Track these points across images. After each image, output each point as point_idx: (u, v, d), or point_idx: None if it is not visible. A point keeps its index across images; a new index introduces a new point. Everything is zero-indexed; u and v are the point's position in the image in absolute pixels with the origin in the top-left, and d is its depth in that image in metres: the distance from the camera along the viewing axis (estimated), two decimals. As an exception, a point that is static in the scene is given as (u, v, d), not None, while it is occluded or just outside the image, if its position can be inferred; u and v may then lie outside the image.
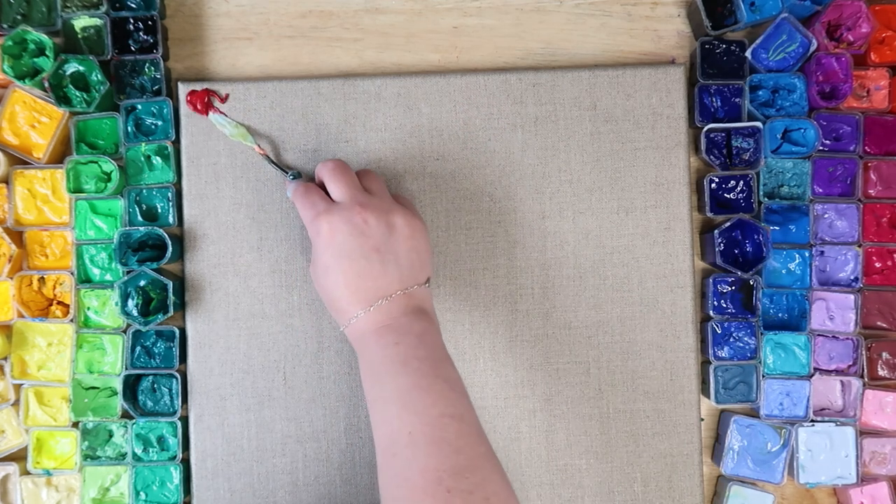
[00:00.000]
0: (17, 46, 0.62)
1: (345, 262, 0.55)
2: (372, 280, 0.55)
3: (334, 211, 0.56)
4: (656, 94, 0.65)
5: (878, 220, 0.64)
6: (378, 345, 0.54)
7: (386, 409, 0.52)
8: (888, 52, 0.64)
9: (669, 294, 0.65)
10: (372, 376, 0.53)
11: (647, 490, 0.64)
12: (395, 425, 0.50)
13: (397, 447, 0.50)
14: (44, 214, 0.63)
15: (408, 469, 0.49)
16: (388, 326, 0.54)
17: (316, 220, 0.56)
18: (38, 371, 0.63)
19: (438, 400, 0.51)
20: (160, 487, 0.63)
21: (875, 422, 0.64)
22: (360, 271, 0.55)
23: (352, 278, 0.55)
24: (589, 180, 0.65)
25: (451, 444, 0.49)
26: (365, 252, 0.55)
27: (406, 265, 0.56)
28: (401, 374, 0.52)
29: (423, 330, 0.54)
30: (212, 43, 0.67)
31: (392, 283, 0.55)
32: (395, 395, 0.51)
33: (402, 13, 0.67)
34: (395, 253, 0.56)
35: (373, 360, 0.54)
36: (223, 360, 0.64)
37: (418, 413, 0.50)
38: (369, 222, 0.56)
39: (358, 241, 0.55)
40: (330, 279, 0.55)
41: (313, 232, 0.56)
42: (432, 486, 0.47)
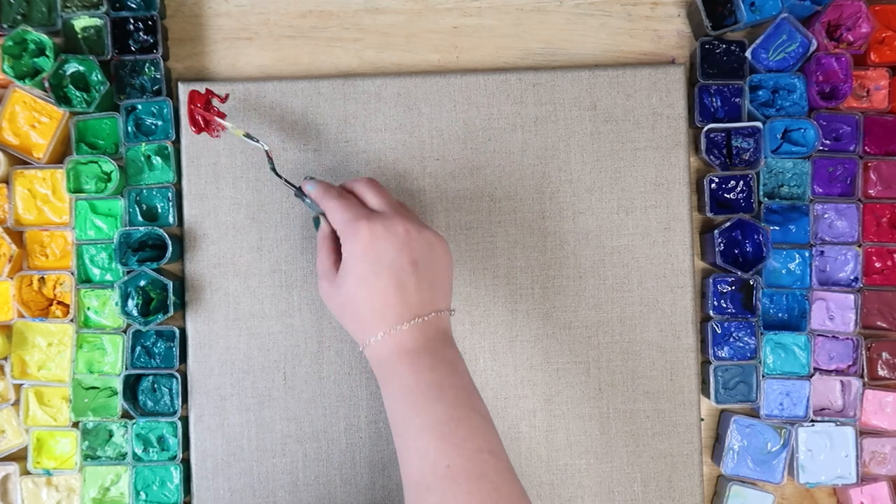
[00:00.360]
0: (17, 46, 0.62)
1: (384, 272, 0.52)
2: (411, 294, 0.52)
3: (375, 218, 0.53)
4: (656, 94, 0.65)
5: (878, 220, 0.64)
6: (412, 368, 0.51)
7: (420, 438, 0.49)
8: (888, 52, 0.64)
9: (669, 294, 0.65)
10: (404, 402, 0.50)
11: (647, 490, 0.64)
12: (430, 457, 0.48)
13: (432, 479, 0.47)
14: (44, 214, 0.63)
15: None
16: (424, 349, 0.51)
17: (355, 223, 0.53)
18: (38, 371, 0.63)
19: (476, 434, 0.49)
20: (160, 487, 0.63)
21: (875, 422, 0.64)
22: (399, 284, 0.52)
23: (390, 290, 0.52)
24: (589, 180, 0.65)
25: (490, 481, 0.47)
26: (404, 265, 0.52)
27: (439, 286, 0.54)
28: (437, 403, 0.49)
29: (455, 358, 0.53)
30: (212, 43, 0.67)
31: (428, 302, 0.53)
32: (432, 424, 0.49)
33: (402, 13, 0.67)
34: (432, 272, 0.53)
35: (405, 384, 0.51)
36: (223, 360, 0.64)
37: (457, 446, 0.48)
38: (411, 234, 0.53)
39: (399, 252, 0.52)
40: (365, 290, 0.52)
41: (349, 235, 0.53)
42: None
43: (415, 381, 0.50)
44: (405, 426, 0.50)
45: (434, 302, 0.53)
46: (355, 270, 0.53)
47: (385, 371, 0.52)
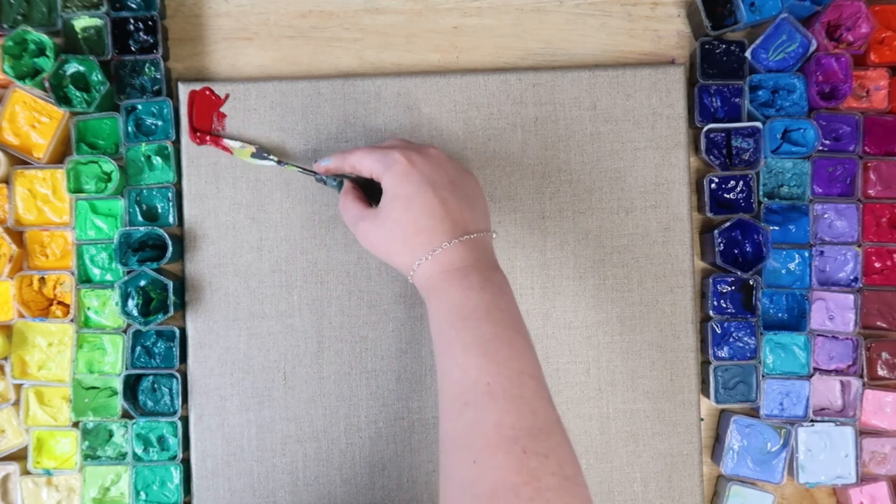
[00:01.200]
0: (17, 46, 0.62)
1: (428, 189, 0.53)
2: (455, 211, 0.53)
3: (406, 146, 0.56)
4: (656, 94, 0.65)
5: (878, 220, 0.64)
6: (461, 286, 0.51)
7: (463, 355, 0.49)
8: (888, 52, 0.64)
9: (669, 294, 0.65)
10: (450, 320, 0.51)
11: (647, 490, 0.64)
12: (472, 374, 0.48)
13: (472, 395, 0.48)
14: (44, 214, 0.63)
15: (481, 421, 0.46)
16: (472, 268, 0.52)
17: (389, 154, 0.55)
18: (38, 371, 0.63)
19: (519, 356, 0.49)
20: (160, 487, 0.63)
21: (875, 422, 0.64)
22: (443, 200, 0.53)
23: (437, 206, 0.53)
24: (589, 180, 0.65)
25: (529, 403, 0.47)
26: (445, 182, 0.54)
27: (480, 206, 0.55)
28: (484, 322, 0.50)
29: (503, 282, 0.53)
30: (212, 43, 0.67)
31: (470, 220, 0.54)
32: (476, 342, 0.49)
33: (402, 13, 0.67)
34: (468, 192, 0.55)
35: (452, 302, 0.51)
36: (223, 360, 0.64)
37: (499, 365, 0.48)
38: (441, 158, 0.55)
39: (436, 171, 0.54)
40: (413, 209, 0.53)
41: (386, 167, 0.55)
42: (507, 443, 0.45)
43: (462, 300, 0.51)
44: (449, 343, 0.50)
45: (476, 222, 0.54)
46: (399, 193, 0.54)
47: (433, 292, 0.52)
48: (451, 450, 0.48)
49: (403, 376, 0.64)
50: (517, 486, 0.44)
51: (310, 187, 0.64)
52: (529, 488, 0.44)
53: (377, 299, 0.64)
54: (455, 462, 0.47)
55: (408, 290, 0.64)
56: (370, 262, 0.64)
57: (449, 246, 0.52)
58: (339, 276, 0.64)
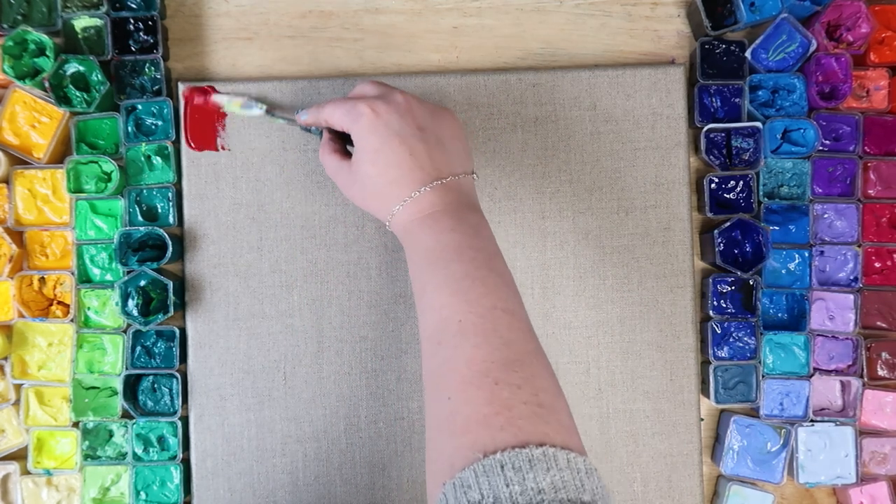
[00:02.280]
0: (17, 46, 0.62)
1: (395, 139, 0.52)
2: (425, 158, 0.53)
3: (373, 97, 0.54)
4: (656, 94, 0.65)
5: (878, 220, 0.64)
6: (433, 230, 0.51)
7: (435, 295, 0.49)
8: (888, 52, 0.64)
9: (669, 294, 0.65)
10: (423, 263, 0.51)
11: (647, 490, 0.64)
12: (443, 313, 0.48)
13: (444, 335, 0.48)
14: (44, 214, 0.63)
15: (454, 358, 0.47)
16: (444, 212, 0.52)
17: (355, 107, 0.54)
18: (38, 371, 0.63)
19: (491, 292, 0.49)
20: (160, 487, 0.63)
21: (875, 422, 0.64)
22: (411, 149, 0.52)
23: (404, 156, 0.52)
24: (589, 180, 0.65)
25: (501, 336, 0.47)
26: (412, 130, 0.53)
27: (453, 151, 0.54)
28: (454, 262, 0.50)
29: (479, 223, 0.53)
30: (212, 43, 0.67)
31: (442, 165, 0.53)
32: (447, 282, 0.49)
33: (402, 13, 0.67)
34: (439, 137, 0.54)
35: (426, 245, 0.51)
36: (223, 360, 0.64)
37: (469, 302, 0.48)
38: (411, 103, 0.54)
39: (404, 119, 0.53)
40: (379, 162, 0.53)
41: (353, 119, 0.54)
42: (479, 378, 0.45)
43: (434, 242, 0.51)
44: (422, 286, 0.50)
45: (450, 165, 0.54)
46: (366, 147, 0.53)
47: (408, 237, 0.53)
48: (429, 389, 0.48)
49: (403, 376, 0.64)
50: (488, 417, 0.44)
51: (310, 187, 0.64)
52: (501, 418, 0.43)
53: (377, 299, 0.64)
54: (433, 401, 0.47)
55: (408, 290, 0.64)
56: (370, 262, 0.64)
57: (419, 194, 0.52)
58: (339, 276, 0.64)
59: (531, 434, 0.43)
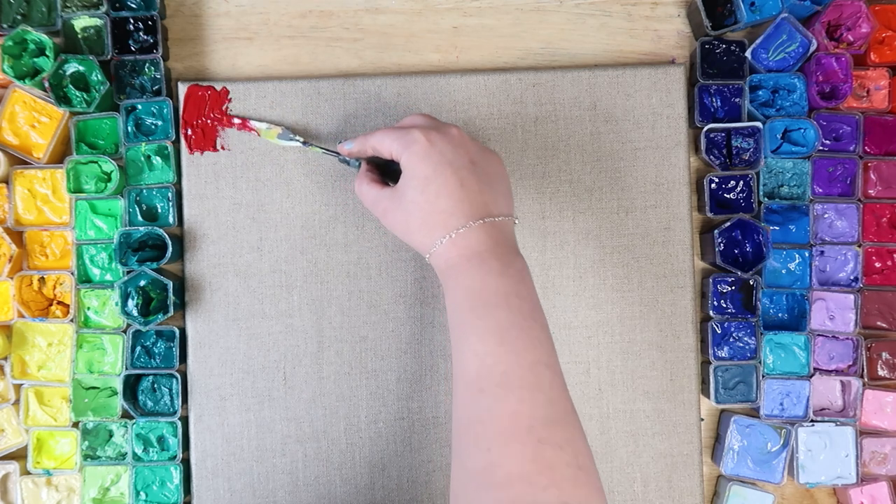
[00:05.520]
0: (17, 46, 0.62)
1: (448, 169, 0.52)
2: (475, 193, 0.52)
3: (426, 126, 0.54)
4: (656, 94, 0.65)
5: (878, 220, 0.64)
6: (479, 271, 0.50)
7: (479, 341, 0.48)
8: (888, 52, 0.64)
9: (669, 294, 0.65)
10: (466, 304, 0.50)
11: (647, 490, 0.64)
12: (487, 361, 0.48)
13: (486, 383, 0.47)
14: (44, 214, 0.63)
15: (496, 409, 0.46)
16: (491, 253, 0.51)
17: (409, 134, 0.54)
18: (38, 371, 0.63)
19: (536, 345, 0.49)
20: (160, 487, 0.63)
21: (875, 422, 0.64)
22: (462, 181, 0.52)
23: (455, 187, 0.52)
24: (589, 180, 0.65)
25: (545, 393, 0.47)
26: (465, 162, 0.53)
27: (500, 191, 0.54)
28: (502, 309, 0.49)
29: (523, 268, 0.52)
30: (212, 43, 0.67)
31: (491, 203, 0.53)
32: (492, 329, 0.48)
33: (402, 13, 0.67)
34: (489, 173, 0.54)
35: (471, 287, 0.50)
36: (223, 360, 0.64)
37: (516, 353, 0.48)
38: (464, 137, 0.54)
39: (456, 151, 0.53)
40: (431, 190, 0.52)
41: (406, 145, 0.53)
42: (523, 433, 0.45)
43: (481, 285, 0.50)
44: (465, 328, 0.50)
45: (497, 205, 0.53)
46: (417, 174, 0.53)
47: (451, 274, 0.52)
48: (465, 436, 0.47)
49: (403, 376, 0.64)
50: (532, 476, 0.44)
51: (310, 187, 0.64)
52: (545, 478, 0.44)
53: (377, 299, 0.64)
54: (469, 449, 0.47)
55: (408, 290, 0.64)
56: (370, 262, 0.64)
57: (467, 228, 0.51)
58: (339, 276, 0.64)
59: (572, 497, 0.44)
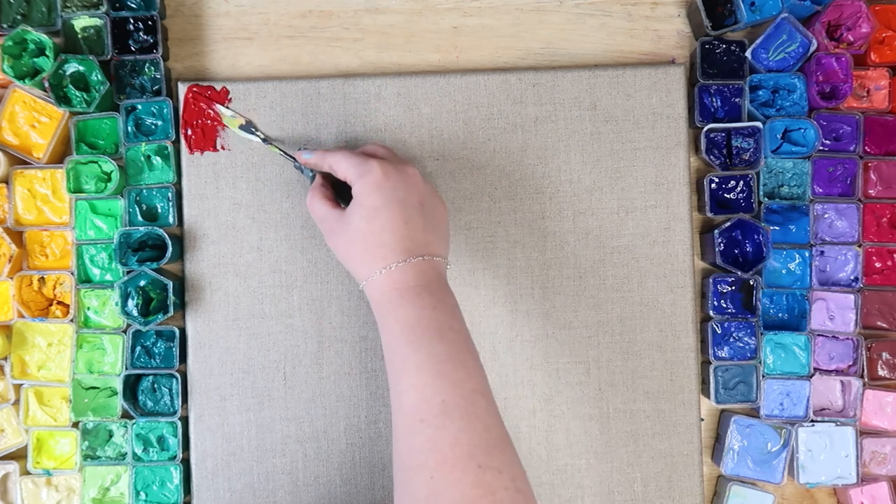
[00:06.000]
0: (17, 46, 0.62)
1: (395, 206, 0.54)
2: (418, 232, 0.54)
3: (385, 160, 0.56)
4: (656, 94, 0.65)
5: (878, 220, 0.64)
6: (414, 305, 0.53)
7: (417, 374, 0.50)
8: (888, 52, 0.64)
9: (669, 294, 0.65)
10: (404, 337, 0.52)
11: (647, 490, 0.64)
12: (427, 392, 0.50)
13: (427, 414, 0.49)
14: (44, 214, 0.63)
15: (437, 438, 0.48)
16: (426, 288, 0.53)
17: (367, 162, 0.56)
18: (38, 371, 0.63)
19: (471, 375, 0.51)
20: (160, 487, 0.63)
21: (875, 422, 0.64)
22: (408, 219, 0.54)
23: (400, 224, 0.54)
24: (589, 180, 0.65)
25: (482, 421, 0.49)
26: (413, 202, 0.55)
27: (441, 234, 0.57)
28: (436, 342, 0.51)
29: (454, 304, 0.55)
30: (212, 43, 0.67)
31: (432, 243, 0.55)
32: (430, 361, 0.51)
33: (402, 13, 0.67)
34: (434, 216, 0.56)
35: (406, 320, 0.52)
36: (223, 360, 0.64)
37: (453, 384, 0.50)
38: (416, 178, 0.56)
39: (408, 190, 0.55)
40: (377, 222, 0.54)
41: (360, 173, 0.55)
42: (463, 461, 0.47)
43: (416, 319, 0.52)
44: (403, 361, 0.51)
45: (437, 246, 0.56)
46: (366, 203, 0.55)
47: (386, 307, 0.54)
48: (408, 467, 0.49)
49: (403, 376, 0.64)
50: (475, 501, 0.46)
51: (308, 185, 0.64)
52: (486, 501, 0.46)
53: (377, 299, 0.64)
54: (412, 478, 0.48)
55: (408, 290, 0.64)
56: (370, 262, 0.64)
57: (404, 264, 0.54)
58: (339, 276, 0.64)
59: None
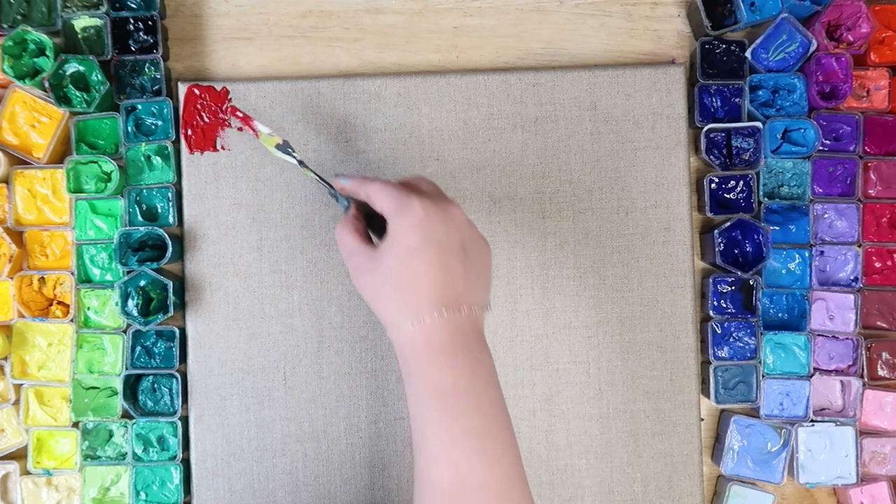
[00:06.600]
0: (17, 46, 0.62)
1: (434, 249, 0.48)
2: (457, 280, 0.49)
3: (427, 196, 0.50)
4: (656, 94, 0.65)
5: (878, 220, 0.64)
6: (450, 369, 0.48)
7: (453, 448, 0.47)
8: (888, 52, 0.64)
9: (669, 294, 0.65)
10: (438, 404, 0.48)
11: (647, 490, 0.64)
12: (462, 469, 0.47)
13: (463, 491, 0.46)
14: (44, 214, 0.63)
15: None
16: (462, 349, 0.48)
17: (406, 197, 0.50)
18: (38, 371, 0.63)
19: (507, 451, 0.48)
20: (160, 487, 0.63)
21: (875, 422, 0.64)
22: (446, 264, 0.48)
23: (437, 269, 0.48)
24: (589, 180, 0.65)
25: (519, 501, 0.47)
26: (454, 247, 0.49)
27: (484, 280, 0.51)
28: (473, 413, 0.47)
29: (492, 365, 0.50)
30: (212, 43, 0.67)
31: (471, 292, 0.50)
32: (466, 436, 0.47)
33: (402, 13, 0.67)
34: (476, 262, 0.51)
35: (441, 386, 0.48)
36: (223, 360, 0.64)
37: (490, 463, 0.47)
38: (463, 220, 0.51)
39: (449, 231, 0.49)
40: (412, 265, 0.48)
41: (399, 209, 0.49)
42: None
43: (451, 386, 0.48)
44: (435, 431, 0.48)
45: (476, 295, 0.50)
46: (402, 242, 0.49)
47: (417, 365, 0.49)
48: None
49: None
50: None
51: (309, 187, 0.64)
52: None
53: (377, 299, 0.64)
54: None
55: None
56: (370, 262, 0.64)
57: (439, 317, 0.48)
58: (339, 276, 0.64)
59: None
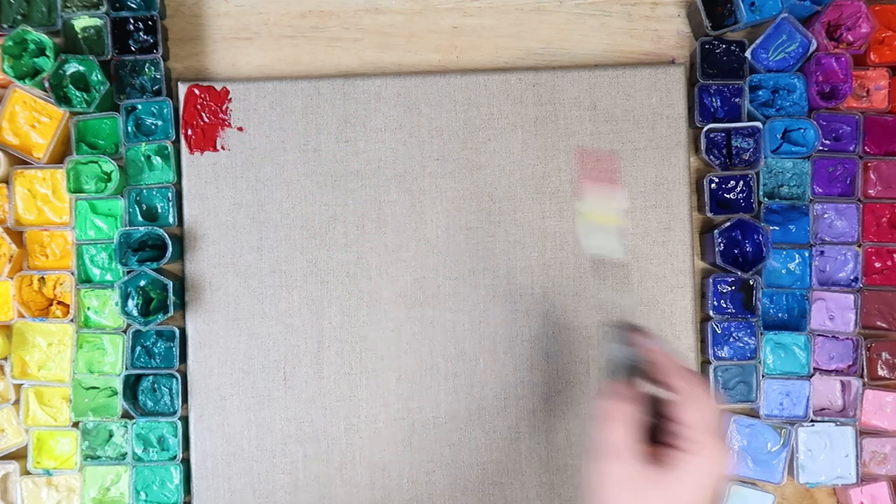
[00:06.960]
0: (17, 46, 0.62)
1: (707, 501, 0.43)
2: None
3: (720, 435, 0.44)
4: (656, 94, 0.65)
5: (878, 220, 0.64)
6: None
7: None
8: (888, 52, 0.64)
9: (669, 294, 0.65)
10: None
11: (647, 490, 0.64)
12: None
13: None
14: (44, 214, 0.63)
15: None
16: None
17: (721, 440, 0.44)
18: (38, 371, 0.63)
19: None
20: (160, 487, 0.63)
21: (875, 422, 0.64)
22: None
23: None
24: (589, 180, 0.65)
25: None
26: (716, 495, 0.44)
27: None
28: None
29: None
30: (212, 43, 0.67)
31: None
32: None
33: (402, 13, 0.67)
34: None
35: None
36: (223, 360, 0.64)
37: None
38: (722, 479, 0.45)
39: (721, 481, 0.44)
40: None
41: (708, 447, 0.43)
42: None
43: None
44: None
45: None
46: (695, 487, 0.43)
47: None
48: None
49: (403, 376, 0.64)
50: None
51: (310, 187, 0.64)
52: None
53: (377, 299, 0.64)
54: None
55: (408, 290, 0.64)
56: (370, 262, 0.64)
57: None
58: (339, 276, 0.64)
59: None
